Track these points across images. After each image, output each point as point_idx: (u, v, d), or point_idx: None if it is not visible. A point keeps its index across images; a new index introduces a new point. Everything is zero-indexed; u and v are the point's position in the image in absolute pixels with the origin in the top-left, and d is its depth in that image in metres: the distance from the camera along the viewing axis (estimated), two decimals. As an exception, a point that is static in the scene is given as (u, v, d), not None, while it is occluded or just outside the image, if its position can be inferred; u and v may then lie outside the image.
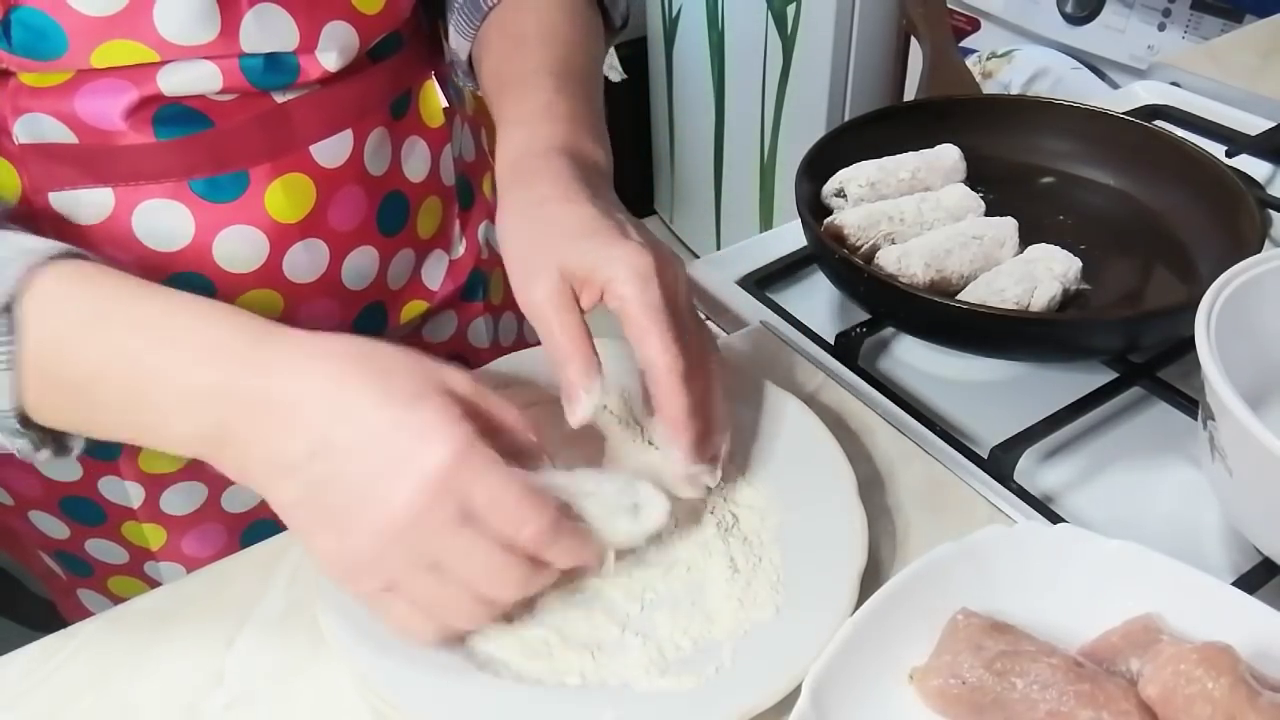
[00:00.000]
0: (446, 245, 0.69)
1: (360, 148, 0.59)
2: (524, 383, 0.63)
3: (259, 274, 0.58)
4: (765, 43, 1.94)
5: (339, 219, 0.60)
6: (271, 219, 0.57)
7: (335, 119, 0.58)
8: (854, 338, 0.69)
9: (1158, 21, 1.39)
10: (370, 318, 0.65)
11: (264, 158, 0.55)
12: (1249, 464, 0.50)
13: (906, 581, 0.48)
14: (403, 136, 0.63)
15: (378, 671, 0.48)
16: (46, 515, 0.66)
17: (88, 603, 0.73)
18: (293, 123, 0.56)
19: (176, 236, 0.55)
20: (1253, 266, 0.56)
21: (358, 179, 0.60)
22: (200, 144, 0.54)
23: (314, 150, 0.57)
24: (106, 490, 0.64)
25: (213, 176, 0.55)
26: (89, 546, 0.68)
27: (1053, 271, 0.67)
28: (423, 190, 0.65)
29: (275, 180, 0.56)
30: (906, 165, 0.78)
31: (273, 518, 0.59)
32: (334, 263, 0.61)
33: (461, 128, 0.70)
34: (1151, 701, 0.43)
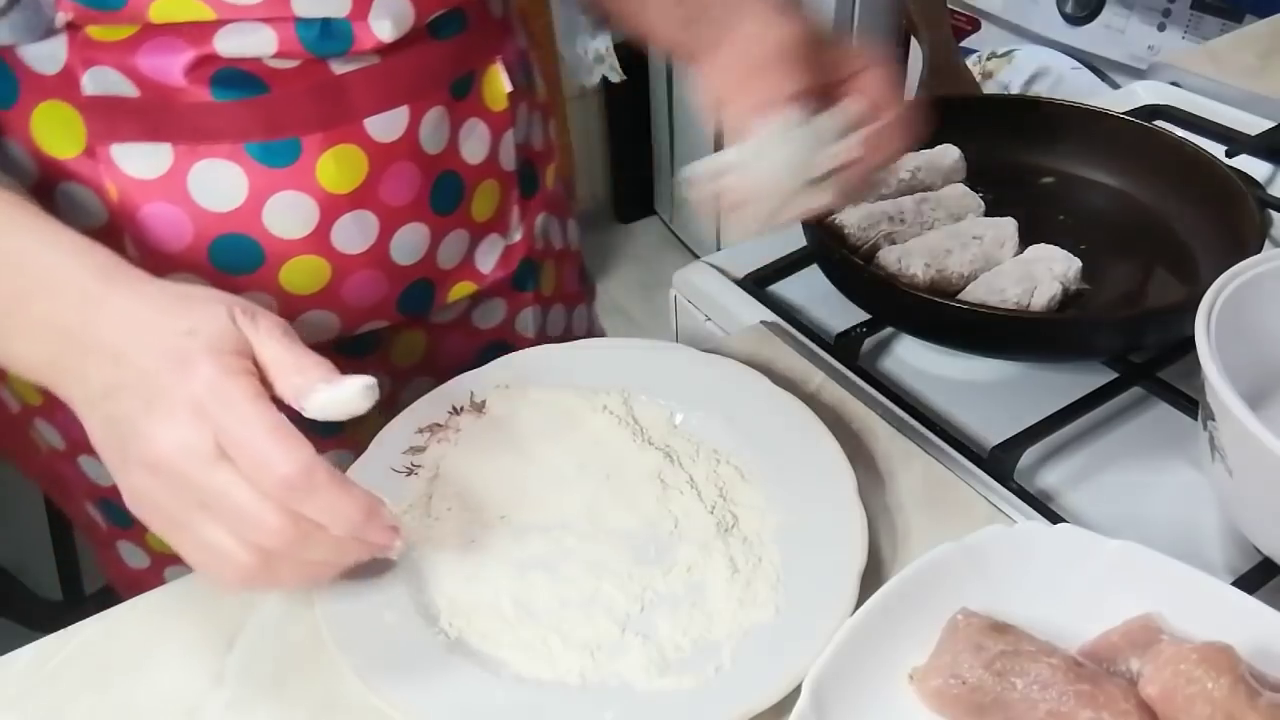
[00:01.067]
0: (503, 230, 0.69)
1: (416, 125, 0.59)
2: (524, 383, 0.63)
3: (308, 241, 0.59)
4: (765, 43, 1.94)
5: (390, 194, 0.60)
6: (323, 188, 0.57)
7: (392, 94, 0.58)
8: (854, 338, 0.69)
9: (1158, 21, 1.39)
10: (417, 294, 0.65)
11: (318, 127, 0.56)
12: (1249, 464, 0.50)
13: (906, 581, 0.48)
14: (463, 117, 0.63)
15: (378, 671, 0.48)
16: (94, 460, 0.66)
17: (125, 555, 0.74)
18: (348, 95, 0.56)
19: (230, 197, 0.56)
20: (1253, 266, 0.56)
21: (412, 155, 0.60)
22: (256, 108, 0.55)
23: (368, 124, 0.58)
24: None
25: (267, 141, 0.56)
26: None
27: (1053, 271, 0.67)
28: (480, 173, 0.65)
29: (328, 150, 0.57)
30: (906, 165, 0.78)
31: None
32: (383, 236, 0.61)
33: (529, 115, 0.70)
34: (1151, 701, 0.43)
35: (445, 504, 0.57)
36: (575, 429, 0.61)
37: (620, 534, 0.55)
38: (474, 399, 0.62)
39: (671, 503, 0.57)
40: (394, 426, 0.61)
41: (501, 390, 0.63)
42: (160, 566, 0.74)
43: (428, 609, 0.52)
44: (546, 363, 0.65)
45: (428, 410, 0.62)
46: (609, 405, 0.62)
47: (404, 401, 0.67)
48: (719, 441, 0.60)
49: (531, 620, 0.51)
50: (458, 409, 0.62)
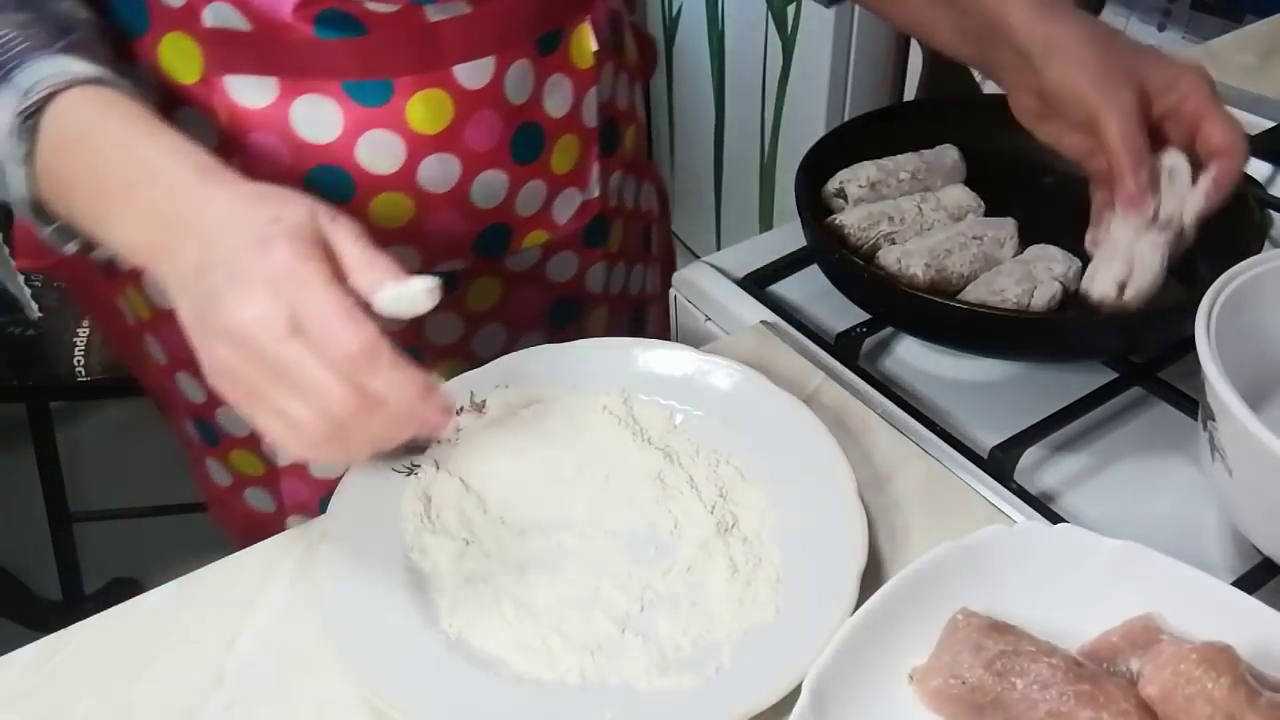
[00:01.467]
0: (581, 184, 0.72)
1: (501, 75, 0.63)
2: (524, 383, 0.63)
3: (395, 178, 0.63)
4: (765, 43, 1.94)
5: (474, 139, 0.64)
6: (411, 128, 0.61)
7: (480, 44, 0.61)
8: (854, 338, 0.69)
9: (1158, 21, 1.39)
10: (493, 237, 0.69)
11: (409, 70, 0.60)
12: (1249, 464, 0.50)
13: (906, 581, 0.48)
14: (548, 72, 0.65)
15: (378, 671, 0.48)
16: (189, 377, 0.72)
17: (212, 472, 0.80)
18: (440, 41, 0.60)
19: (326, 131, 0.61)
20: (1253, 266, 0.56)
21: (495, 104, 0.63)
22: (354, 48, 0.59)
23: (457, 70, 0.61)
24: None
25: (362, 81, 0.60)
26: (220, 414, 0.74)
27: (1053, 271, 0.67)
28: (561, 126, 0.68)
29: (418, 93, 0.60)
30: (906, 165, 0.78)
31: None
32: (465, 179, 0.65)
33: (615, 75, 0.73)
34: (1151, 701, 0.43)
35: (445, 504, 0.57)
36: (575, 429, 0.61)
37: (620, 534, 0.55)
38: (474, 399, 0.62)
39: (671, 503, 0.57)
40: (394, 426, 0.61)
41: (501, 390, 0.63)
42: (240, 487, 0.79)
43: (428, 609, 0.52)
44: (546, 363, 0.65)
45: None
46: (609, 405, 0.62)
47: (475, 349, 0.72)
48: (719, 441, 0.60)
49: (531, 620, 0.51)
50: (458, 409, 0.62)
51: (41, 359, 1.45)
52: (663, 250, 0.92)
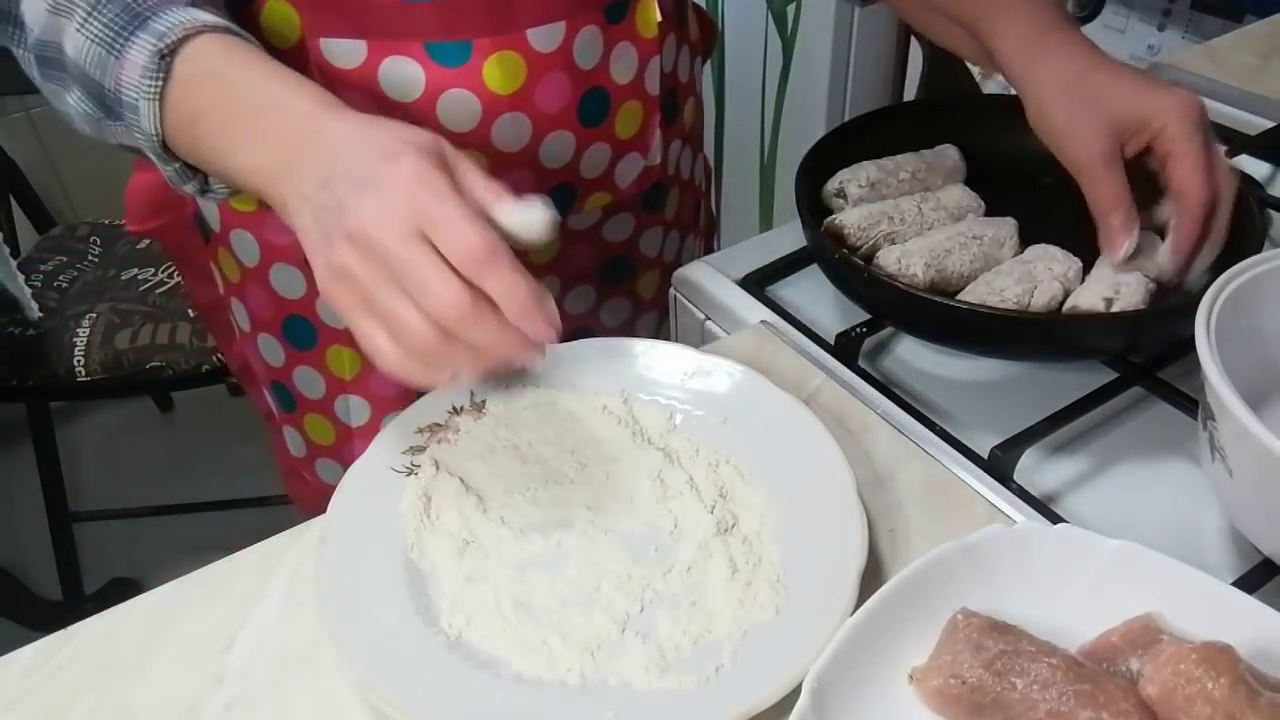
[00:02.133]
0: (644, 150, 0.75)
1: (571, 40, 0.66)
2: (524, 383, 0.63)
3: (471, 135, 0.66)
4: (765, 43, 1.94)
5: (544, 100, 0.67)
6: (487, 88, 0.65)
7: (552, 9, 0.65)
8: (854, 338, 0.69)
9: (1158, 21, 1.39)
10: (559, 197, 0.71)
11: (486, 32, 0.64)
12: (1249, 464, 0.50)
13: (906, 581, 0.48)
14: (615, 39, 0.69)
15: (378, 671, 0.48)
16: (270, 338, 0.78)
17: (288, 440, 0.85)
18: (515, 5, 0.64)
19: (409, 90, 0.64)
20: (1253, 266, 0.56)
21: (565, 67, 0.67)
22: (436, 10, 0.63)
23: (530, 34, 0.65)
24: (321, 306, 0.73)
25: (443, 41, 0.64)
26: (296, 376, 0.79)
27: (1053, 271, 0.67)
28: (626, 93, 0.71)
29: (493, 54, 0.64)
30: (906, 165, 0.78)
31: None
32: (535, 139, 0.68)
33: (678, 47, 0.76)
34: (1151, 701, 0.43)
35: (445, 504, 0.57)
36: (575, 429, 0.61)
37: (620, 534, 0.55)
38: (474, 399, 0.63)
39: (671, 503, 0.57)
40: (394, 426, 0.61)
41: (501, 390, 0.63)
42: (313, 457, 0.84)
43: (428, 609, 0.52)
44: (546, 363, 0.65)
45: (427, 410, 0.62)
46: (609, 405, 0.62)
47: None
48: (719, 441, 0.60)
49: (531, 620, 0.51)
50: (458, 409, 0.62)
51: (41, 359, 1.45)
52: (706, 223, 0.95)
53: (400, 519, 0.56)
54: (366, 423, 0.78)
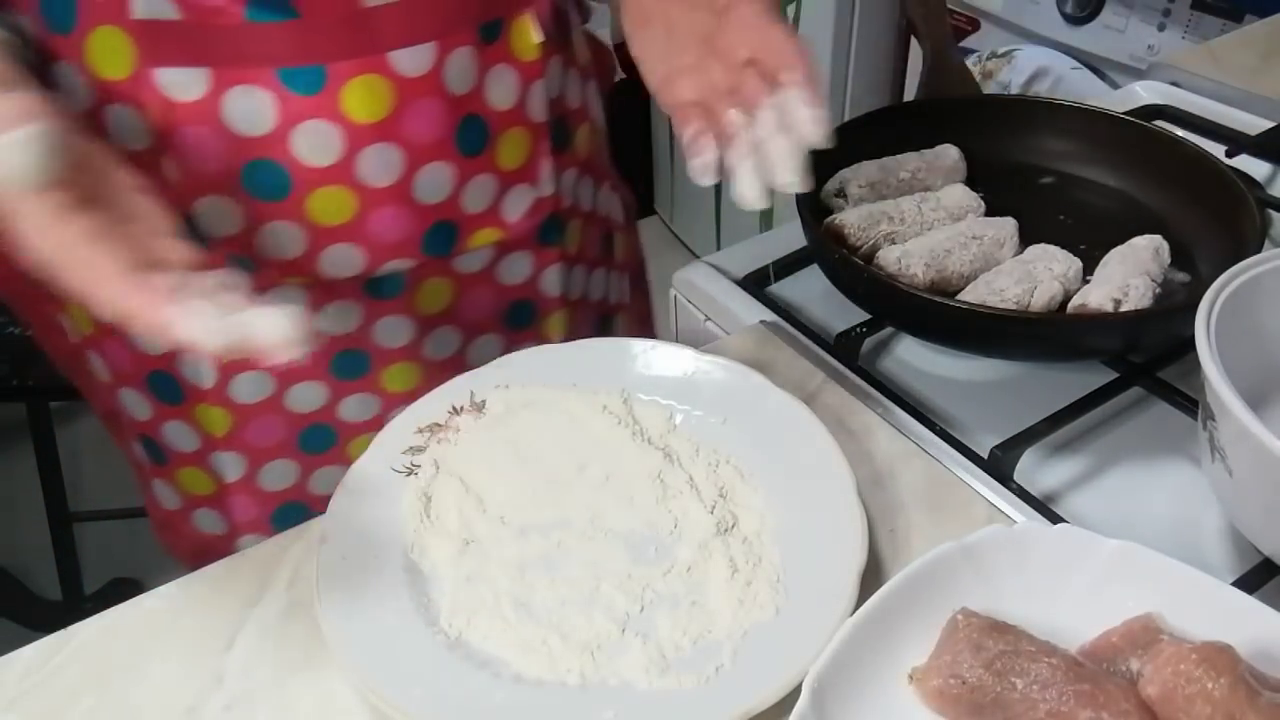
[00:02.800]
0: (533, 180, 0.70)
1: (442, 62, 0.61)
2: (524, 383, 0.63)
3: (333, 170, 0.61)
4: (765, 43, 1.94)
5: (416, 129, 0.62)
6: (348, 117, 0.59)
7: (419, 30, 0.59)
8: (854, 338, 0.69)
9: (1158, 21, 1.39)
10: (440, 235, 0.66)
11: (344, 55, 0.58)
12: (1249, 464, 0.50)
13: (906, 581, 0.48)
14: (491, 62, 0.64)
15: (378, 671, 0.48)
16: (134, 393, 0.71)
17: (159, 494, 0.78)
18: (376, 26, 0.58)
19: (260, 122, 0.59)
20: (1253, 266, 0.56)
21: (438, 93, 0.62)
22: (286, 32, 0.57)
23: (394, 56, 0.59)
24: (184, 365, 0.68)
25: (296, 67, 0.58)
26: (165, 430, 0.72)
27: (1053, 271, 0.67)
28: (508, 119, 0.66)
29: (354, 79, 0.59)
30: (906, 165, 0.78)
31: (330, 423, 0.70)
32: (408, 172, 0.63)
33: (564, 71, 0.71)
34: (1151, 701, 0.43)
35: (445, 504, 0.57)
36: (575, 429, 0.61)
37: (620, 534, 0.55)
38: (474, 399, 0.62)
39: (671, 503, 0.57)
40: (394, 426, 0.61)
41: (501, 390, 0.63)
42: (189, 509, 0.77)
43: (428, 609, 0.52)
44: (546, 363, 0.65)
45: (427, 410, 0.62)
46: (609, 405, 0.62)
47: (427, 352, 0.70)
48: (719, 441, 0.60)
49: (531, 620, 0.51)
50: (458, 409, 0.62)
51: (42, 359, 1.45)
52: (631, 259, 0.90)
53: (400, 519, 0.56)
54: (243, 476, 0.73)
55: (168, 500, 0.78)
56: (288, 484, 0.74)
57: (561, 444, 0.60)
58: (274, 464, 0.72)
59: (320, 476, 0.74)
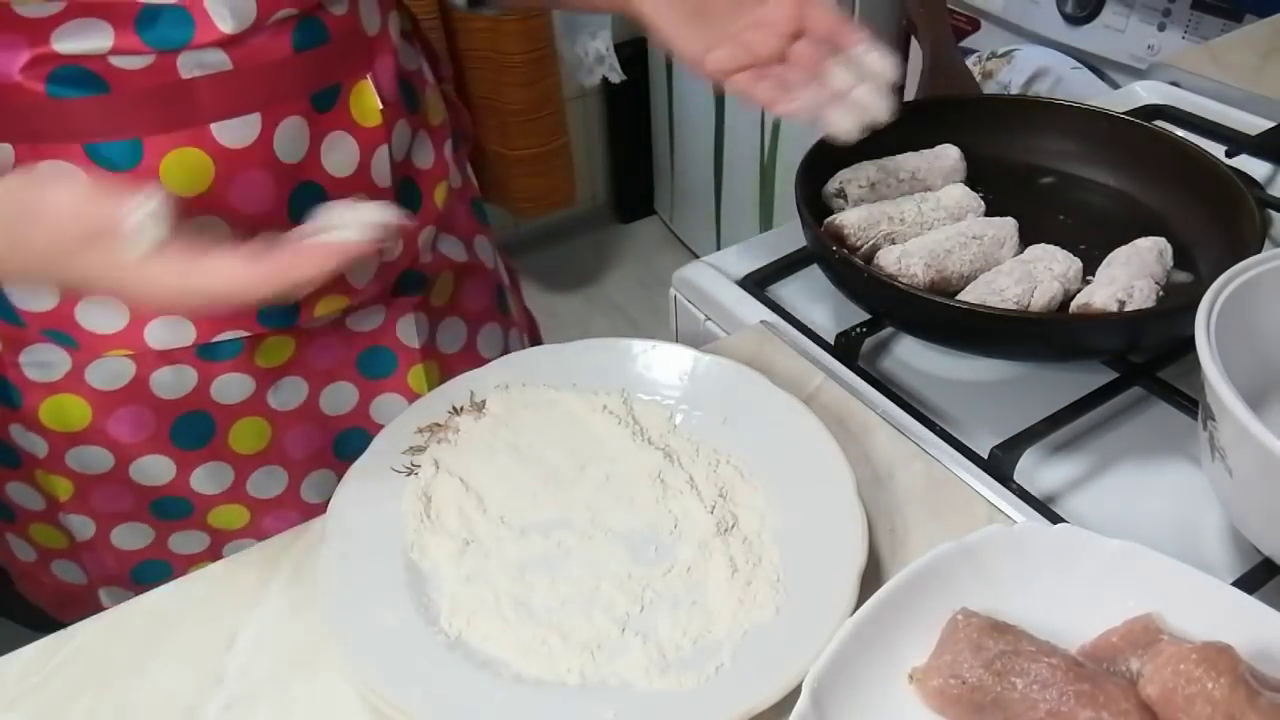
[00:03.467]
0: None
1: (269, 133, 0.58)
2: (524, 383, 0.64)
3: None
4: (765, 43, 1.94)
5: (241, 200, 0.59)
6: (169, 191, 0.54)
7: (242, 100, 0.57)
8: (854, 338, 0.69)
9: (1158, 21, 1.39)
10: (279, 309, 0.63)
11: (160, 129, 0.55)
12: (1249, 464, 0.50)
13: (906, 581, 0.48)
14: (325, 130, 0.61)
15: (378, 671, 0.48)
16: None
17: (13, 546, 0.75)
18: (194, 98, 0.55)
19: None
20: (1253, 266, 0.56)
21: (265, 164, 0.59)
22: (94, 107, 0.54)
23: (215, 128, 0.56)
24: (15, 436, 0.65)
25: (107, 142, 0.55)
26: (9, 490, 0.70)
27: (1053, 271, 0.67)
28: (348, 186, 0.63)
29: (171, 152, 0.56)
30: (906, 165, 0.78)
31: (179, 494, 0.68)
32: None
33: (411, 134, 0.68)
34: (1151, 701, 0.43)
35: (445, 504, 0.57)
36: (575, 429, 0.61)
37: (620, 534, 0.55)
38: (474, 399, 0.63)
39: (671, 503, 0.57)
40: (394, 426, 0.61)
41: (501, 390, 0.63)
42: (46, 560, 0.74)
43: (428, 609, 0.52)
44: (546, 363, 0.65)
45: (428, 410, 0.62)
46: (609, 405, 0.62)
47: (272, 404, 0.67)
48: (719, 441, 0.60)
49: (531, 620, 0.51)
50: (458, 409, 0.62)
51: None
52: (521, 316, 0.88)
53: (400, 519, 0.56)
54: (94, 536, 0.69)
55: (23, 553, 0.74)
56: (144, 544, 0.71)
57: (561, 444, 0.60)
58: (125, 526, 0.70)
59: (179, 540, 0.71)
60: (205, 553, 0.72)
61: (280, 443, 0.68)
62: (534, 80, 1.96)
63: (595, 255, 2.52)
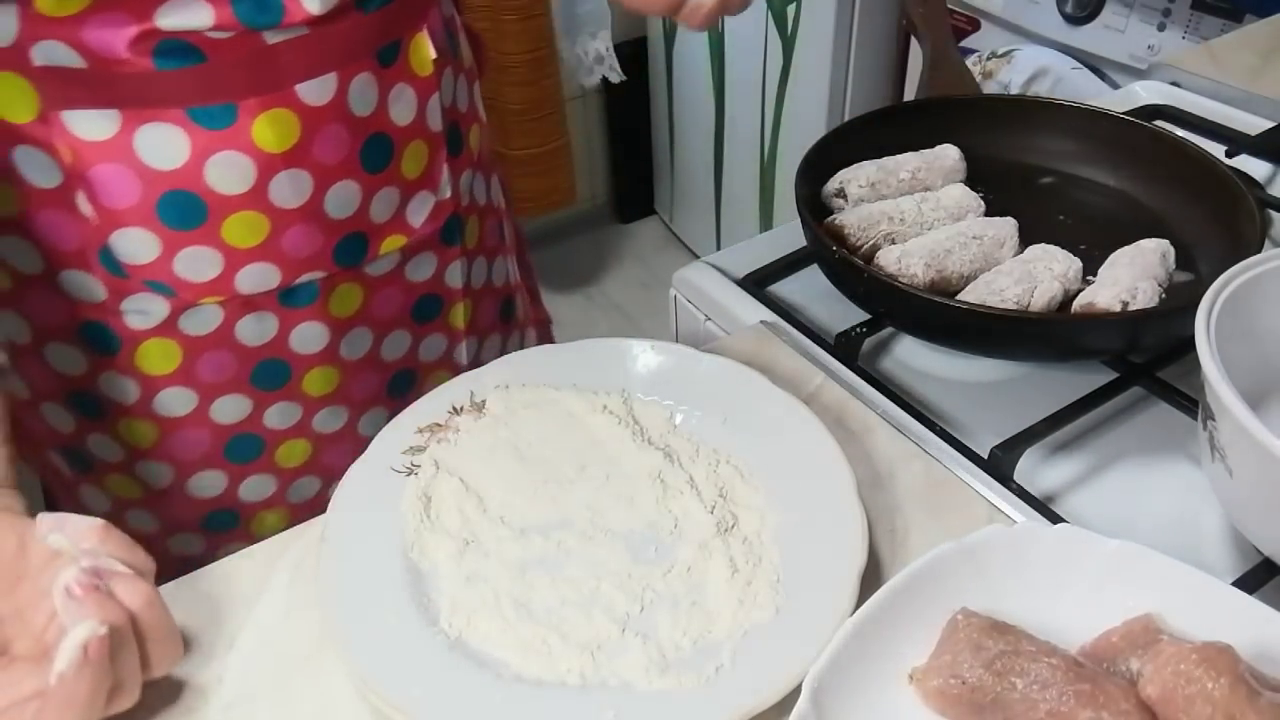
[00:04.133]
0: (433, 186, 0.72)
1: (345, 90, 0.63)
2: (524, 383, 0.64)
3: (246, 197, 0.62)
4: (765, 43, 1.94)
5: (323, 153, 0.64)
6: (259, 148, 0.61)
7: (321, 62, 0.61)
8: (854, 338, 0.69)
9: (1158, 21, 1.39)
10: (351, 246, 0.69)
11: (252, 93, 0.60)
12: (1249, 464, 0.50)
13: (906, 581, 0.48)
14: (391, 83, 0.66)
15: (378, 671, 0.48)
16: (57, 407, 0.72)
17: (88, 498, 0.77)
18: (280, 62, 0.60)
19: (173, 157, 0.60)
20: (1253, 266, 0.56)
21: (342, 118, 0.64)
22: (194, 76, 0.58)
23: (299, 89, 0.61)
24: (105, 385, 0.69)
25: (205, 106, 0.59)
26: (90, 442, 0.73)
27: (1053, 271, 0.67)
28: (409, 134, 0.68)
29: (262, 114, 0.60)
30: (906, 165, 0.78)
31: (257, 431, 0.72)
32: (317, 192, 0.65)
33: (454, 78, 0.73)
34: (1151, 701, 0.43)
35: (445, 504, 0.57)
36: (575, 429, 0.61)
37: (620, 534, 0.55)
38: (474, 399, 0.63)
39: (671, 503, 0.57)
40: (394, 426, 0.61)
41: (501, 390, 0.63)
42: (121, 509, 0.77)
43: (428, 609, 0.52)
44: (546, 363, 0.65)
45: (428, 410, 0.62)
46: (609, 405, 0.62)
47: (343, 353, 0.72)
48: (719, 441, 0.60)
49: (531, 620, 0.51)
50: (458, 409, 0.62)
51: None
52: (514, 240, 0.93)
53: (400, 519, 0.56)
54: (172, 484, 0.74)
55: (97, 503, 0.77)
56: (217, 492, 0.75)
57: (561, 444, 0.60)
58: (202, 474, 0.73)
59: (249, 485, 0.75)
60: (272, 498, 0.76)
61: (346, 386, 0.74)
62: (534, 80, 1.96)
63: (595, 255, 2.52)
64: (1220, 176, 0.72)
